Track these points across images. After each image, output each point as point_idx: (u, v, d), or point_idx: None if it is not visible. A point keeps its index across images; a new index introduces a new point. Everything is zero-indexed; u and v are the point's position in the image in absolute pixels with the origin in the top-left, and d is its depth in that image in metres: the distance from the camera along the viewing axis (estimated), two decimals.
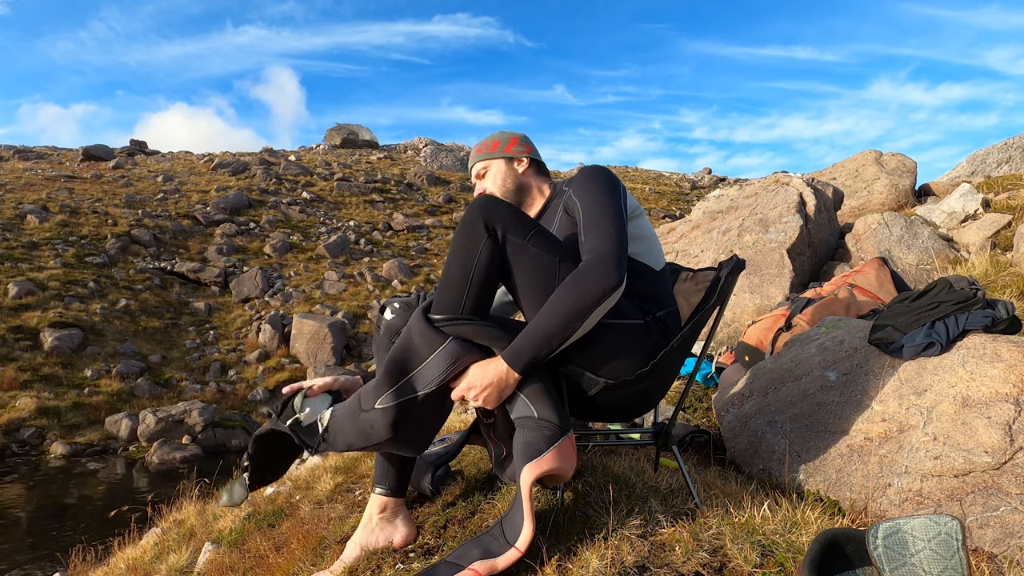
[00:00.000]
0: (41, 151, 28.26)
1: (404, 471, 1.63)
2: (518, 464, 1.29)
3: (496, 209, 1.40)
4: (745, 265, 1.61)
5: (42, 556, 5.61)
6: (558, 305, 1.32)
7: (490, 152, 1.76)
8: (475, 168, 1.77)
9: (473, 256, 1.37)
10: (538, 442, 1.29)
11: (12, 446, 9.65)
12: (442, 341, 1.36)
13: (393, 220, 22.86)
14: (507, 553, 1.24)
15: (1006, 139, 11.14)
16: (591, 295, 1.30)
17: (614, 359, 1.42)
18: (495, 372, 1.34)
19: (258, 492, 2.89)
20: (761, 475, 2.07)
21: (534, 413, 1.33)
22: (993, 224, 5.46)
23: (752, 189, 6.44)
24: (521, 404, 1.35)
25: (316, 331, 13.42)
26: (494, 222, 1.38)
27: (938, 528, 0.98)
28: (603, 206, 1.43)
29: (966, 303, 1.90)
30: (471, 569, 1.23)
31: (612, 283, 1.31)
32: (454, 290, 1.39)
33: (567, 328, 1.31)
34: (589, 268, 1.34)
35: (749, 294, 4.93)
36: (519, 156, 1.75)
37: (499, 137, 1.78)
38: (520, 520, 1.26)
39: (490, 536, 1.32)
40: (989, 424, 1.62)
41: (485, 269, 1.38)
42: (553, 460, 1.28)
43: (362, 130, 36.64)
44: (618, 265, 1.34)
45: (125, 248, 17.00)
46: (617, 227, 1.40)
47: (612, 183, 1.50)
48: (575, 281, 1.33)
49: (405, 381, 1.37)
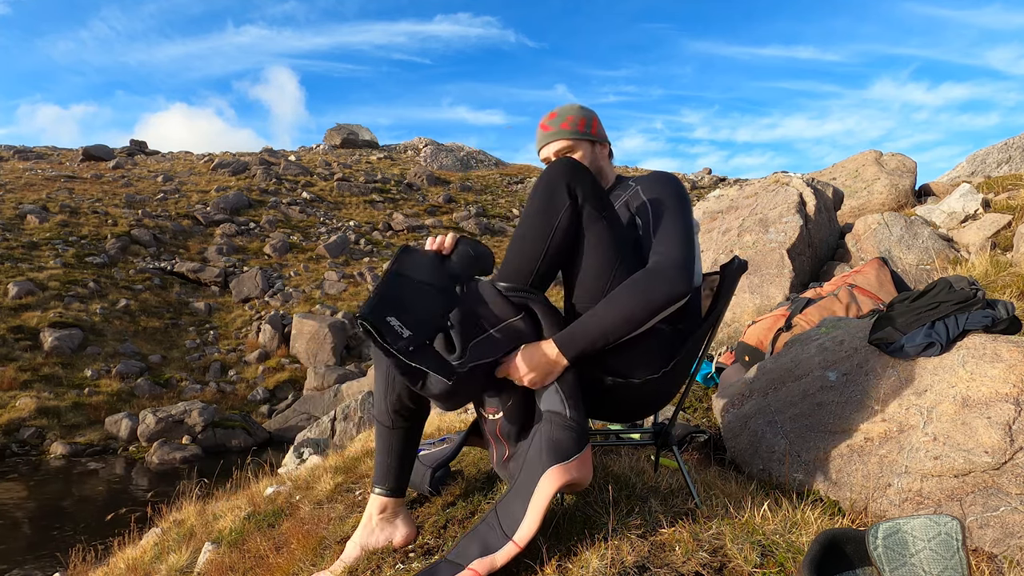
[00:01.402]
0: (41, 151, 28.27)
1: (404, 471, 1.62)
2: (542, 462, 1.23)
3: (580, 174, 1.33)
4: (747, 267, 1.61)
5: (42, 556, 5.61)
6: (623, 302, 1.28)
7: (577, 131, 1.61)
8: (555, 145, 1.62)
9: (553, 221, 1.31)
10: (567, 444, 1.24)
11: (12, 446, 9.65)
12: (514, 315, 1.30)
13: (393, 220, 22.86)
14: (505, 548, 1.21)
15: (1006, 139, 11.14)
16: (660, 298, 1.27)
17: (626, 360, 1.41)
18: (544, 356, 1.29)
19: (258, 492, 2.88)
20: (761, 475, 2.07)
21: (565, 412, 1.28)
22: (993, 224, 5.46)
23: (752, 189, 6.44)
24: (553, 397, 1.30)
25: (316, 331, 13.42)
26: (576, 187, 1.32)
27: (938, 528, 0.98)
28: (676, 215, 1.40)
29: (966, 303, 1.90)
30: (470, 569, 1.21)
31: (681, 290, 1.29)
32: (527, 258, 1.33)
33: (627, 326, 1.27)
34: (662, 271, 1.30)
35: (749, 294, 4.93)
36: (603, 141, 1.66)
37: (582, 114, 1.64)
38: (520, 511, 1.23)
39: (487, 526, 1.28)
40: (989, 424, 1.62)
41: (563, 236, 1.32)
42: (580, 467, 1.24)
43: (362, 130, 36.64)
44: (690, 274, 1.31)
45: (125, 248, 17.00)
46: (689, 238, 1.38)
47: (685, 195, 1.47)
48: (646, 281, 1.29)
49: (479, 343, 1.28)
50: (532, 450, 1.27)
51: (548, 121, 1.65)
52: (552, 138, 1.63)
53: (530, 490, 1.24)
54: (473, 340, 1.28)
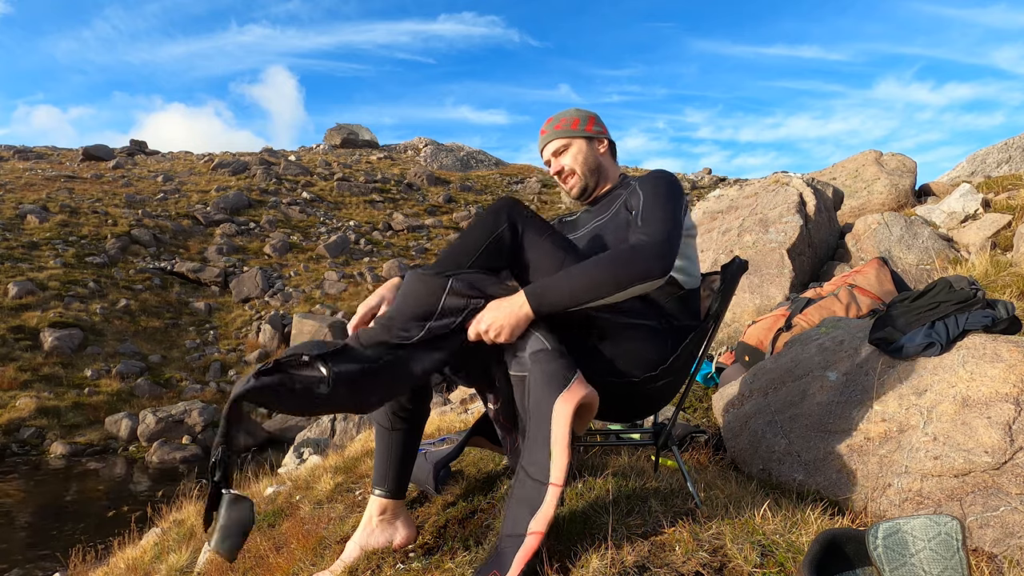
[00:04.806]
0: (41, 151, 28.27)
1: (404, 473, 1.62)
2: (546, 398, 1.23)
3: (519, 209, 1.43)
4: (748, 267, 1.61)
5: (42, 556, 5.61)
6: (597, 268, 1.30)
7: (571, 130, 1.70)
8: (553, 145, 1.71)
9: (490, 234, 1.39)
10: (560, 371, 1.25)
11: (12, 446, 9.64)
12: (445, 283, 1.33)
13: (393, 220, 22.86)
14: (549, 494, 1.19)
15: (1006, 139, 11.14)
16: (633, 273, 1.30)
17: (624, 358, 1.42)
18: (510, 306, 1.30)
19: (258, 492, 2.88)
20: (761, 475, 2.07)
21: (548, 346, 1.28)
22: (993, 224, 5.46)
23: (752, 189, 6.44)
24: (533, 341, 1.30)
25: (316, 331, 13.42)
26: (516, 218, 1.41)
27: (938, 528, 0.98)
28: (664, 203, 1.44)
29: (966, 303, 1.90)
30: (532, 534, 1.18)
31: (656, 270, 1.31)
32: (460, 255, 1.38)
33: (594, 292, 1.29)
34: (641, 248, 1.33)
35: (749, 294, 4.93)
36: (600, 137, 1.72)
37: (577, 115, 1.73)
38: (544, 456, 1.21)
39: (520, 486, 1.25)
40: (989, 424, 1.62)
41: (497, 245, 1.39)
42: (582, 386, 1.24)
43: (362, 130, 36.64)
44: (668, 258, 1.33)
45: (125, 248, 16.99)
46: (674, 225, 1.40)
47: (678, 191, 1.49)
48: (623, 255, 1.32)
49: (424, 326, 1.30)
50: (532, 395, 1.27)
51: (547, 125, 1.74)
52: (549, 139, 1.72)
53: (546, 430, 1.23)
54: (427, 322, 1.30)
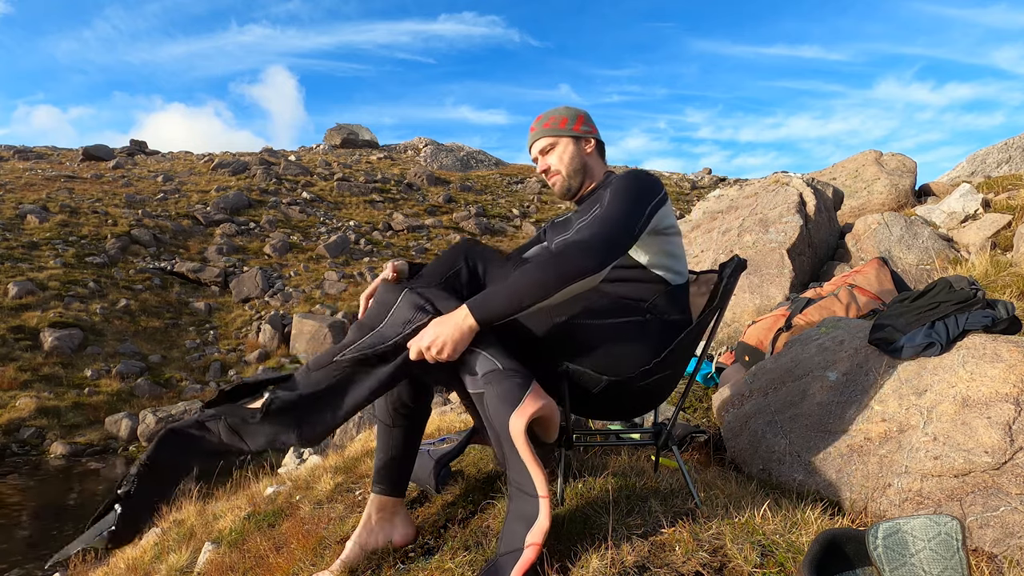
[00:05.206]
0: (41, 151, 28.27)
1: (404, 471, 1.63)
2: (501, 418, 1.25)
3: (477, 249, 1.59)
4: (747, 265, 1.61)
5: (42, 556, 5.60)
6: (535, 271, 1.31)
7: (558, 128, 1.68)
8: (539, 144, 1.70)
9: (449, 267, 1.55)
10: (512, 390, 1.26)
11: (12, 446, 9.64)
12: (400, 292, 1.37)
13: (393, 220, 22.86)
14: (541, 506, 1.21)
15: (1006, 139, 11.13)
16: (566, 272, 1.31)
17: (617, 356, 1.42)
18: (452, 320, 1.29)
19: (258, 492, 2.88)
20: (761, 475, 2.07)
21: (498, 365, 1.29)
22: (993, 224, 5.46)
23: (752, 189, 6.43)
24: (483, 360, 1.30)
25: (316, 331, 13.42)
26: (475, 259, 1.56)
27: (938, 528, 0.98)
28: (616, 205, 1.43)
29: (966, 303, 1.90)
30: (531, 546, 1.19)
31: (591, 266, 1.32)
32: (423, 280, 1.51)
33: (534, 294, 1.29)
34: (568, 247, 1.35)
35: (749, 294, 4.93)
36: (587, 136, 1.70)
37: (566, 113, 1.71)
38: (523, 472, 1.23)
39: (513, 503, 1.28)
40: (989, 424, 1.62)
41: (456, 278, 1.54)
42: (535, 400, 1.26)
43: (362, 130, 36.64)
44: (597, 252, 1.33)
45: (125, 248, 16.99)
46: (612, 224, 1.39)
47: (642, 189, 1.48)
48: (556, 256, 1.34)
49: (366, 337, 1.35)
50: (491, 416, 1.28)
51: (536, 123, 1.74)
52: (536, 136, 1.72)
53: (512, 448, 1.25)
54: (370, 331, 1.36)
